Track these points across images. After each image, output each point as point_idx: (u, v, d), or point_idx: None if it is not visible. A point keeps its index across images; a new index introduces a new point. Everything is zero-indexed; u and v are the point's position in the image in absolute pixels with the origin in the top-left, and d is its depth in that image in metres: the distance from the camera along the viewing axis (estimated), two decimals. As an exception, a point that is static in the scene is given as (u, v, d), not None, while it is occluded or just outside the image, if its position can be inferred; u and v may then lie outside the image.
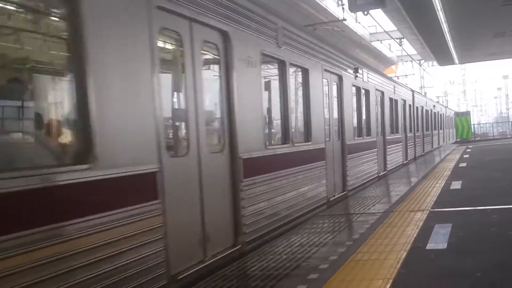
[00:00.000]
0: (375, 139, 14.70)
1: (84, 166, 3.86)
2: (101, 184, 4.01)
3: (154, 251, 4.59)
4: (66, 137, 4.11)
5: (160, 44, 5.13)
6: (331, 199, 10.15)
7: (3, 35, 3.84)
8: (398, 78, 38.40)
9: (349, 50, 20.90)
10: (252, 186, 6.66)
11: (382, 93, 16.10)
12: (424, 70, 52.30)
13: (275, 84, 8.17)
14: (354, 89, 12.71)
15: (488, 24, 24.15)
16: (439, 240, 6.24)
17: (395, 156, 17.82)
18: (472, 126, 52.62)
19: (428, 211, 8.32)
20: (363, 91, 13.57)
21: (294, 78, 9.09)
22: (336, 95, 11.27)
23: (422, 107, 26.39)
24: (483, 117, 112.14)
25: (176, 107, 5.54)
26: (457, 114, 51.01)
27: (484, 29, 25.26)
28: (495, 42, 29.26)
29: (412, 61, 45.56)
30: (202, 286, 4.99)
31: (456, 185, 11.63)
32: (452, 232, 6.62)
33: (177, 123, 5.58)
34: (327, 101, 10.66)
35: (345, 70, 11.89)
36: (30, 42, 3.99)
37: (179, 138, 5.57)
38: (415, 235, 6.59)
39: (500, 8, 20.54)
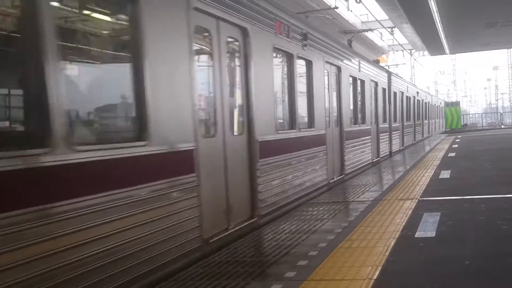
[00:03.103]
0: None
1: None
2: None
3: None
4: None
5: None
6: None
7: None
8: (389, 68, 38.39)
9: (340, 39, 20.91)
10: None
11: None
12: (415, 59, 52.39)
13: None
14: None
15: (479, 15, 24.19)
16: (427, 229, 6.27)
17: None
18: (461, 116, 52.82)
19: (417, 200, 8.35)
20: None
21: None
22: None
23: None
24: (472, 108, 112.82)
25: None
26: (447, 104, 51.09)
27: (476, 19, 25.31)
28: (486, 33, 29.34)
29: (403, 51, 45.56)
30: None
31: (445, 174, 11.69)
32: (441, 221, 6.66)
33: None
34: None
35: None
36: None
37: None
38: (404, 223, 6.61)
39: (491, -2, 20.59)
